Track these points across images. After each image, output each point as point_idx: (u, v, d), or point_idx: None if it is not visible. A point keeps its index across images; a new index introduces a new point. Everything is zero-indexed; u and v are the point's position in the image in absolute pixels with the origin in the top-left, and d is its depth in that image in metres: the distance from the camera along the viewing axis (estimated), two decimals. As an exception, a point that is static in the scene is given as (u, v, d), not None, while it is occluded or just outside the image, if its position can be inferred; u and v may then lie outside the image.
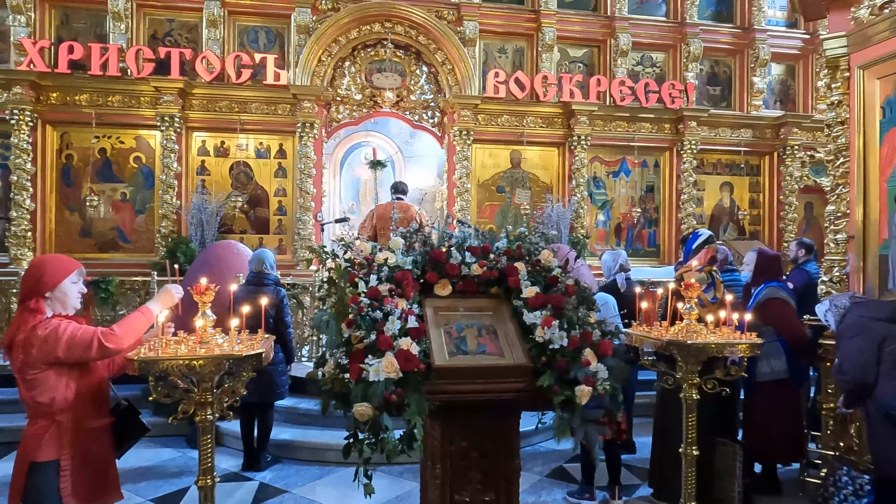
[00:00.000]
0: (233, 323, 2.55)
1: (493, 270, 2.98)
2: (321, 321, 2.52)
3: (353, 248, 2.89)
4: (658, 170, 9.46)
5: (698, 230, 4.09)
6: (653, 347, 3.00)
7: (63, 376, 2.56)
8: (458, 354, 2.61)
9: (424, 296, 2.91)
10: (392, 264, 2.84)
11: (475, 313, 2.94)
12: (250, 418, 4.77)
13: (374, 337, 2.38)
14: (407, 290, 2.69)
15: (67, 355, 2.51)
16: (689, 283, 3.00)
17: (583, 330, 2.53)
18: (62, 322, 2.57)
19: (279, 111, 8.25)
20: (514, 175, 9.01)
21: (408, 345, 2.39)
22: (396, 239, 2.99)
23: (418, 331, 2.50)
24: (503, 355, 2.63)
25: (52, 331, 2.51)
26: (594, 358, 2.51)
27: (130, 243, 8.05)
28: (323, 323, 2.51)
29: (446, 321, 2.83)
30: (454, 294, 2.97)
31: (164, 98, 7.78)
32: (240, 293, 4.69)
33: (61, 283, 2.68)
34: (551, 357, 2.49)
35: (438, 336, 2.67)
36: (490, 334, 2.78)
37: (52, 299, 2.67)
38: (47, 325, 2.53)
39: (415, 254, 2.98)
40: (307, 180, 8.24)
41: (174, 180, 7.93)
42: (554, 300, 2.63)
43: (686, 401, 3.01)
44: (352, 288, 2.69)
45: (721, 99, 9.74)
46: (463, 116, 8.52)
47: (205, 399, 2.52)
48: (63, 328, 2.53)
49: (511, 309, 2.89)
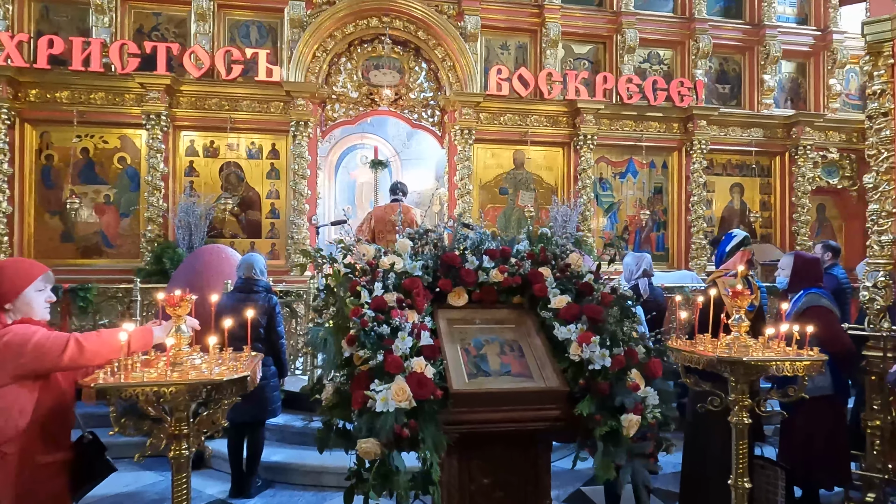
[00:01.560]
0: (211, 340, 2.14)
1: (514, 276, 2.60)
2: (317, 338, 2.12)
3: (353, 252, 2.49)
4: (666, 171, 9.11)
5: (732, 231, 3.71)
6: (700, 365, 2.61)
7: (21, 397, 2.16)
8: (478, 376, 2.22)
9: (436, 306, 2.52)
10: (399, 270, 2.45)
11: (495, 326, 2.55)
12: (239, 438, 4.36)
13: (381, 357, 1.98)
14: (418, 301, 2.30)
15: (34, 363, 2.13)
16: (737, 290, 2.62)
17: (627, 347, 2.13)
18: (31, 326, 2.21)
19: (272, 109, 7.86)
20: (518, 176, 8.64)
21: (421, 366, 2.00)
22: (403, 241, 2.60)
23: (433, 349, 2.11)
24: (531, 377, 2.24)
25: (16, 335, 2.14)
26: (642, 380, 2.12)
27: (115, 248, 7.63)
28: (319, 340, 2.11)
29: (462, 336, 2.44)
30: (471, 304, 2.58)
31: (149, 95, 7.37)
32: (227, 302, 4.29)
33: (23, 292, 2.30)
34: (591, 379, 2.10)
35: (455, 354, 2.28)
36: (514, 351, 2.39)
37: (14, 311, 2.29)
38: (8, 330, 2.17)
39: (424, 258, 2.59)
40: (301, 182, 7.85)
41: (161, 182, 7.52)
42: (590, 311, 2.24)
43: (736, 426, 2.62)
44: (353, 298, 2.30)
45: (730, 97, 9.41)
46: (464, 115, 8.15)
47: (179, 431, 2.12)
48: (32, 331, 2.18)
49: (537, 321, 2.50)
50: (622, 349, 2.11)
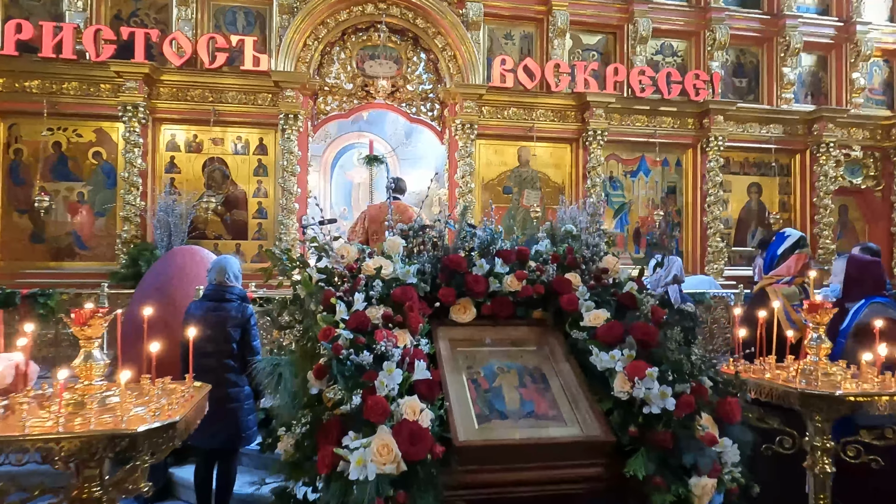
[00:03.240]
0: (123, 376, 1.58)
1: (535, 285, 2.04)
2: (269, 372, 1.56)
3: (330, 253, 1.94)
4: (680, 169, 8.58)
5: (784, 230, 3.16)
6: (763, 395, 2.05)
7: None
8: (490, 419, 1.66)
9: (435, 323, 1.96)
10: (388, 276, 1.90)
11: (511, 349, 1.99)
12: (208, 467, 3.79)
13: (359, 399, 1.42)
14: (411, 317, 1.74)
15: None
16: (816, 302, 2.06)
17: (695, 382, 1.58)
18: None
19: (259, 101, 7.32)
20: (523, 174, 8.09)
21: (415, 411, 1.44)
22: (394, 239, 2.04)
23: (431, 385, 1.55)
24: (562, 419, 1.68)
25: None
26: (715, 427, 1.56)
27: (89, 250, 7.08)
28: (272, 375, 1.55)
29: (469, 362, 1.88)
30: (479, 319, 2.03)
31: (126, 85, 6.82)
32: (195, 312, 3.73)
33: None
34: (646, 427, 1.54)
35: (460, 389, 1.72)
36: (537, 383, 1.83)
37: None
38: None
39: (421, 261, 2.03)
40: (290, 179, 7.29)
41: (138, 178, 6.96)
42: (641, 333, 1.69)
43: (818, 474, 2.06)
44: (326, 314, 1.74)
45: (747, 91, 8.88)
46: (466, 108, 7.61)
47: (88, 493, 1.55)
48: None
49: (566, 343, 1.95)
50: (688, 385, 1.55)
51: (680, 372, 1.56)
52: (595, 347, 1.73)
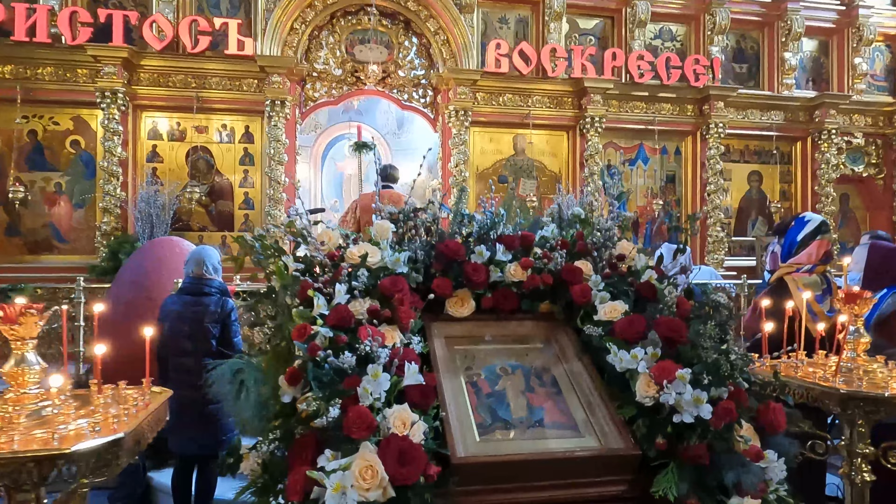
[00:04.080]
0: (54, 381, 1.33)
1: (542, 274, 1.81)
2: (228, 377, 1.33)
3: (309, 239, 1.69)
4: (679, 157, 8.36)
5: (803, 214, 2.94)
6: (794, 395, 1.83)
7: None
8: (493, 429, 1.43)
9: (429, 318, 1.73)
10: (375, 265, 1.66)
11: (516, 347, 1.76)
12: (186, 472, 3.55)
13: (338, 410, 1.19)
14: (401, 312, 1.51)
15: None
16: (853, 291, 1.84)
17: (734, 385, 1.35)
18: None
19: (244, 87, 7.03)
20: (518, 163, 7.85)
21: (405, 423, 1.21)
22: (381, 224, 1.80)
23: (425, 392, 1.32)
24: (577, 428, 1.45)
25: None
26: (756, 438, 1.33)
27: (68, 243, 6.79)
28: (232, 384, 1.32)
29: (468, 363, 1.65)
30: (479, 314, 1.79)
31: (105, 70, 6.51)
32: (171, 307, 3.48)
33: None
34: (677, 439, 1.31)
35: (458, 394, 1.49)
36: (546, 386, 1.60)
37: None
38: None
39: (412, 248, 1.79)
40: (278, 168, 7.02)
41: (118, 168, 6.66)
42: (668, 328, 1.46)
43: (854, 482, 1.85)
44: (302, 309, 1.50)
45: (748, 77, 8.66)
46: (459, 94, 7.34)
47: (22, 521, 1.31)
48: None
49: (578, 339, 1.72)
50: (726, 389, 1.33)
51: (717, 374, 1.33)
52: (613, 345, 1.50)
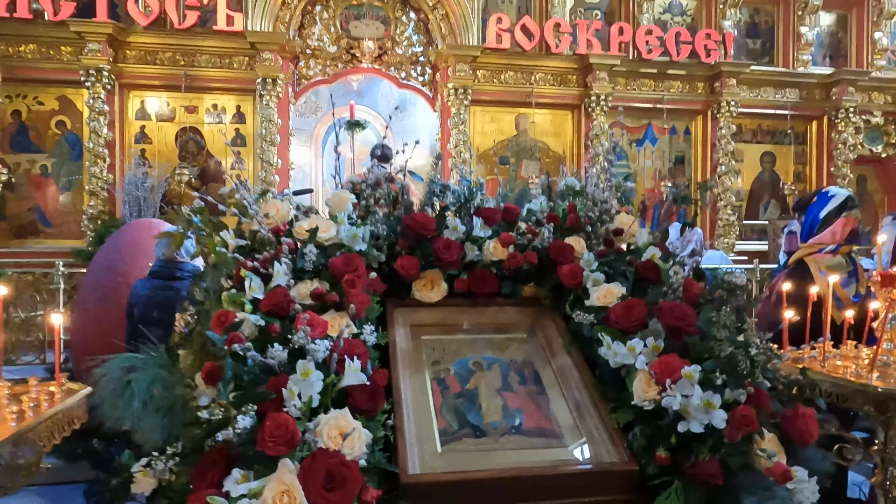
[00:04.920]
0: None
1: (526, 252, 1.55)
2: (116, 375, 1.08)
3: (250, 210, 1.44)
4: (689, 137, 8.03)
5: (827, 189, 2.66)
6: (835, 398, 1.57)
7: None
8: (460, 437, 1.18)
9: (393, 303, 1.48)
10: (328, 241, 1.40)
11: (495, 337, 1.50)
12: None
13: (251, 420, 0.94)
14: (352, 295, 1.25)
15: None
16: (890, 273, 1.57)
17: (754, 387, 1.09)
18: None
19: (235, 65, 6.76)
20: (521, 143, 7.55)
21: (337, 437, 0.95)
22: (339, 193, 1.55)
23: (373, 394, 1.07)
24: (563, 438, 1.20)
25: None
26: (781, 451, 1.08)
27: (54, 227, 6.59)
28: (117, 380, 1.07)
29: (437, 356, 1.40)
30: (452, 298, 1.54)
31: (89, 47, 6.26)
32: (141, 292, 3.25)
33: None
34: (683, 452, 1.06)
35: (419, 393, 1.24)
36: (527, 384, 1.35)
37: None
38: None
39: (375, 221, 1.54)
40: (270, 149, 6.76)
41: (104, 149, 6.43)
42: (672, 315, 1.20)
43: (889, 494, 1.59)
44: (233, 291, 1.26)
45: (761, 53, 8.27)
46: (459, 72, 7.03)
47: None
48: None
49: (567, 329, 1.46)
50: (743, 392, 1.07)
51: (733, 372, 1.07)
52: (606, 335, 1.24)
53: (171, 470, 0.97)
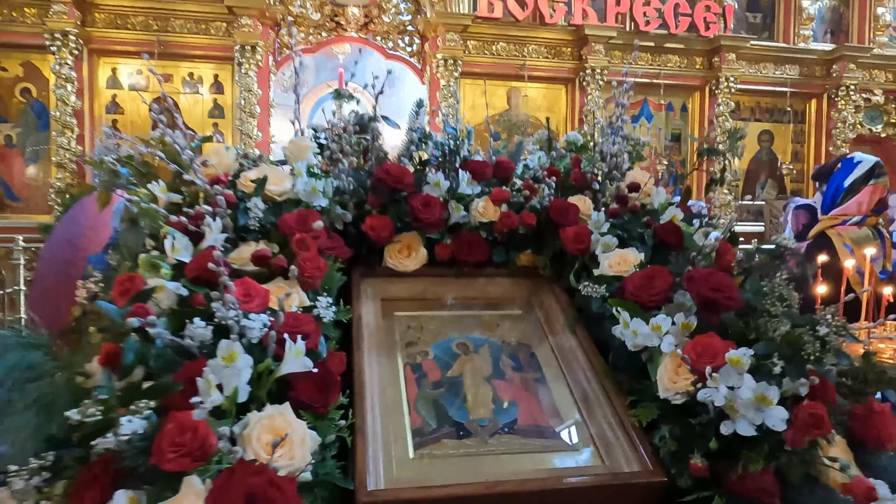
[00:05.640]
0: None
1: (523, 213, 1.30)
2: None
3: (184, 156, 1.18)
4: (686, 114, 7.78)
5: (852, 155, 2.43)
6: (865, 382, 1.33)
7: None
8: (438, 438, 0.92)
9: (360, 272, 1.22)
10: (280, 195, 1.14)
11: (484, 314, 1.25)
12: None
13: (145, 422, 0.68)
14: (303, 260, 0.99)
15: None
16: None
17: (819, 376, 0.84)
18: None
19: (212, 31, 6.38)
20: (512, 119, 7.26)
21: (273, 438, 0.69)
22: (298, 140, 1.27)
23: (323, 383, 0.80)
24: (568, 440, 0.95)
25: None
26: (849, 455, 0.83)
27: (20, 201, 6.24)
28: None
29: (413, 337, 1.14)
30: (432, 267, 1.29)
31: (54, 9, 5.85)
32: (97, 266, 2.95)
33: None
34: (725, 459, 0.81)
35: (389, 383, 0.98)
36: (524, 370, 1.10)
37: None
38: None
39: (342, 174, 1.28)
40: (249, 121, 6.43)
41: (72, 119, 6.06)
42: (709, 286, 0.94)
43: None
44: (154, 253, 0.99)
45: (762, 28, 7.99)
46: (449, 42, 6.71)
47: None
48: None
49: (572, 304, 1.21)
50: (805, 382, 0.82)
51: (794, 357, 0.83)
52: (623, 311, 0.99)
53: (38, 490, 0.72)
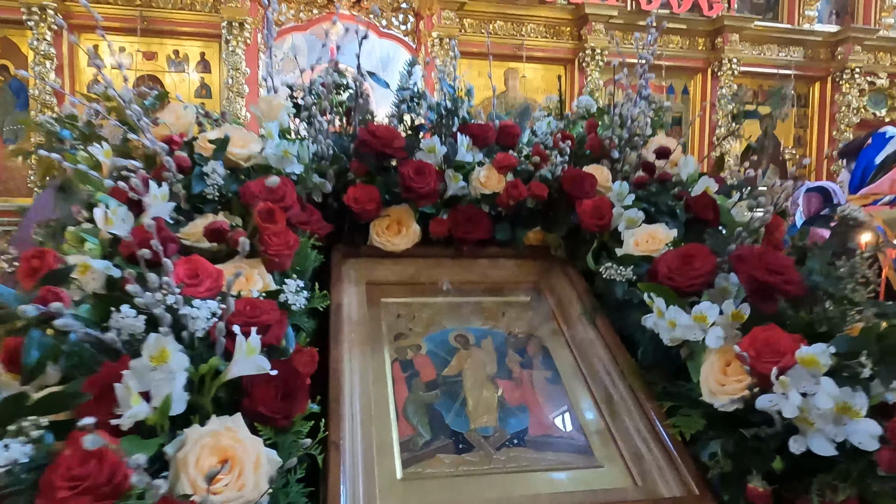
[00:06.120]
0: None
1: (531, 184, 1.12)
2: None
3: (129, 112, 0.98)
4: (687, 97, 7.59)
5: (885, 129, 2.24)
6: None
7: None
8: (432, 453, 0.76)
9: (340, 251, 1.04)
10: (247, 159, 0.95)
11: (486, 300, 1.08)
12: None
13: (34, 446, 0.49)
14: (268, 235, 0.81)
15: None
16: None
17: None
18: None
19: (197, 6, 6.13)
20: (510, 101, 7.04)
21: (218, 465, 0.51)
22: (269, 97, 1.08)
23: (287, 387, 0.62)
24: (590, 452, 0.78)
25: None
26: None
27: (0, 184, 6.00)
28: None
29: (402, 328, 0.96)
30: (426, 246, 1.12)
31: (31, -19, 5.59)
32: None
33: None
34: (794, 481, 0.64)
35: (373, 384, 0.81)
36: (534, 368, 0.93)
37: None
38: None
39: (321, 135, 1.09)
40: (238, 101, 6.19)
41: (51, 98, 5.82)
42: (764, 267, 0.76)
43: None
44: (84, 224, 0.81)
45: (766, 9, 7.79)
46: (444, 19, 6.49)
47: None
48: None
49: (590, 289, 1.04)
50: (895, 388, 0.65)
51: (889, 357, 0.66)
52: (658, 297, 0.82)
53: None
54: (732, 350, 0.76)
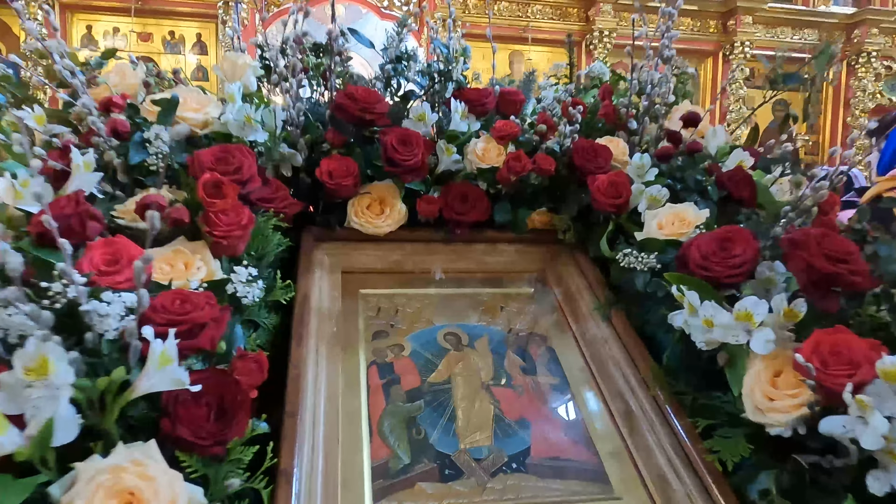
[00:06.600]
0: None
1: (536, 156, 0.96)
2: None
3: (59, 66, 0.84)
4: (697, 82, 7.37)
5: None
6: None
7: None
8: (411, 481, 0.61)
9: (313, 234, 0.89)
10: (203, 125, 0.80)
11: (482, 292, 0.93)
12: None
13: None
14: (214, 209, 0.66)
15: None
16: None
17: None
18: None
19: (193, -15, 5.95)
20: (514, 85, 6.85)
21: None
22: (233, 56, 0.93)
23: (224, 408, 0.48)
24: (605, 478, 0.63)
25: None
26: None
27: (-8, 168, 5.87)
28: None
29: (383, 325, 0.82)
30: (413, 229, 0.97)
31: (21, -41, 5.41)
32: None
33: None
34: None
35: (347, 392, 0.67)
36: (538, 374, 0.78)
37: None
38: None
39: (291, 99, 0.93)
40: (235, 84, 6.02)
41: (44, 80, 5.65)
42: (822, 254, 0.61)
43: None
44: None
45: (780, -11, 7.55)
46: (447, 0, 6.27)
47: None
48: None
49: (605, 281, 0.89)
50: None
51: None
52: (689, 290, 0.67)
53: None
54: (784, 357, 0.61)
